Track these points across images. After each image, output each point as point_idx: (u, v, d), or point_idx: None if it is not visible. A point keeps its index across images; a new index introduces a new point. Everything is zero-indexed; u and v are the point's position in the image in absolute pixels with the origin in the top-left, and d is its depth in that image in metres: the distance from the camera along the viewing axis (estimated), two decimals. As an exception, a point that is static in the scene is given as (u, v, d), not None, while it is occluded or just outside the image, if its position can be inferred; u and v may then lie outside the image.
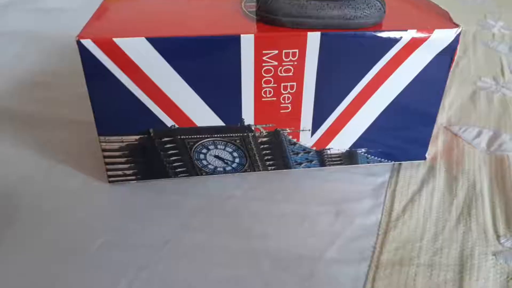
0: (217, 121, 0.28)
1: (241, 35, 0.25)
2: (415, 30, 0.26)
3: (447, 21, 0.28)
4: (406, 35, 0.26)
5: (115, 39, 0.24)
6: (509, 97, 0.40)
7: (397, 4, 0.30)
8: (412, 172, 0.30)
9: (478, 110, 0.38)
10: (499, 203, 0.27)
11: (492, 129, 0.35)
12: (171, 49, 0.25)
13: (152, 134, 0.27)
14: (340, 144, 0.30)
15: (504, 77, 0.43)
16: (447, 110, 0.38)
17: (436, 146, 0.33)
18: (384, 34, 0.26)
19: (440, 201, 0.28)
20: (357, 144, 0.30)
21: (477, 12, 0.62)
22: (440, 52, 0.27)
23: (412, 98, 0.29)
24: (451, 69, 0.28)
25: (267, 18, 0.26)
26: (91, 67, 0.25)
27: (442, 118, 0.36)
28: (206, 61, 0.25)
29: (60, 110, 0.38)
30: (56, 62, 0.47)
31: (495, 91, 0.41)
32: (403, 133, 0.30)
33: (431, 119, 0.30)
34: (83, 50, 0.24)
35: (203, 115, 0.27)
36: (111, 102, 0.26)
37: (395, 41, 0.26)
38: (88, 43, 0.24)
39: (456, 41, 0.27)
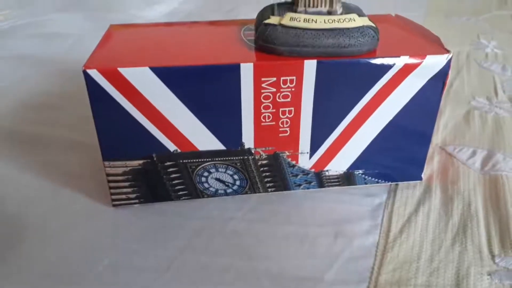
0: (218, 145, 0.28)
1: (241, 64, 0.26)
2: (407, 57, 0.27)
3: (439, 47, 0.29)
4: (399, 61, 0.27)
5: (119, 69, 0.25)
6: (502, 117, 0.41)
7: (390, 30, 0.32)
8: (408, 192, 0.31)
9: (472, 129, 0.39)
10: (493, 223, 0.28)
11: (486, 148, 0.36)
12: (174, 77, 0.26)
13: (155, 159, 0.28)
14: (338, 166, 0.31)
15: (497, 97, 0.45)
16: (442, 130, 0.39)
17: (432, 166, 0.34)
18: (377, 61, 0.27)
19: (436, 222, 0.28)
20: (354, 165, 0.31)
21: (470, 32, 0.63)
22: (432, 76, 0.28)
23: (407, 121, 0.30)
24: (444, 92, 0.29)
25: (265, 47, 0.27)
26: (97, 95, 0.26)
27: (437, 138, 0.37)
28: (207, 88, 0.26)
29: (64, 132, 0.39)
30: (60, 85, 0.48)
31: (489, 110, 0.42)
32: (399, 155, 0.31)
33: (426, 140, 0.31)
34: (89, 79, 0.25)
35: (204, 139, 0.28)
36: (116, 128, 0.27)
37: (388, 67, 0.27)
38: (94, 73, 0.25)
39: (447, 66, 0.28)
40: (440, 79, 0.28)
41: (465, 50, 0.57)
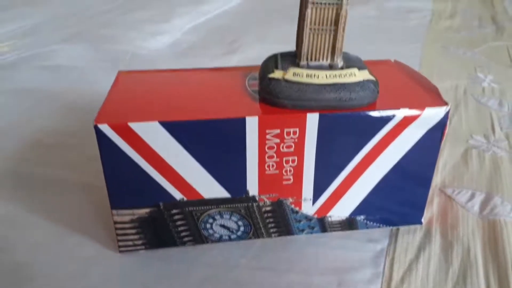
0: (223, 193, 0.29)
1: (246, 117, 0.27)
2: (407, 109, 0.28)
3: (437, 98, 0.30)
4: (399, 114, 0.28)
5: (130, 124, 0.26)
6: (499, 156, 0.42)
7: (389, 79, 0.33)
8: (409, 238, 0.32)
9: (471, 170, 0.39)
10: (492, 271, 0.29)
11: (485, 191, 0.36)
12: (182, 131, 0.27)
13: (161, 207, 0.29)
14: (340, 212, 0.31)
15: (495, 135, 0.46)
16: (441, 171, 0.39)
17: (431, 210, 0.34)
18: (377, 114, 0.28)
19: (436, 269, 0.29)
20: (356, 211, 0.32)
21: (468, 65, 0.64)
22: (431, 127, 0.29)
23: (407, 169, 0.30)
24: (443, 141, 0.30)
25: (270, 100, 0.28)
26: (107, 149, 0.26)
27: (436, 179, 0.38)
28: (214, 140, 0.27)
29: (71, 173, 0.39)
30: (66, 121, 0.49)
31: (486, 149, 0.43)
32: (400, 200, 0.32)
33: (426, 186, 0.32)
34: (100, 134, 0.26)
35: (210, 188, 0.29)
36: (125, 178, 0.28)
37: (388, 119, 0.28)
38: (105, 127, 0.26)
39: (445, 117, 0.29)
40: (439, 129, 0.29)
41: (463, 84, 0.58)
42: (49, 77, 0.59)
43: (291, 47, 0.75)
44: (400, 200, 0.32)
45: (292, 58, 0.30)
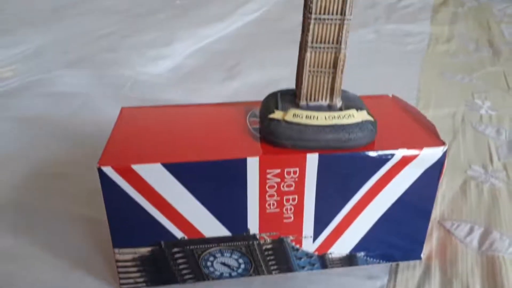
0: (224, 232, 0.29)
1: (248, 158, 0.27)
2: (405, 149, 0.29)
3: (434, 138, 0.30)
4: (397, 154, 0.29)
5: (133, 166, 0.26)
6: (498, 187, 0.42)
7: (387, 116, 0.33)
8: (408, 274, 0.32)
9: (469, 203, 0.40)
10: (492, 310, 0.29)
11: (483, 224, 0.37)
12: (184, 172, 0.27)
13: (163, 246, 0.29)
14: (341, 249, 0.32)
15: (493, 165, 0.46)
16: (440, 203, 0.40)
17: (430, 244, 0.35)
18: (376, 154, 0.29)
19: (436, 308, 0.29)
20: (356, 248, 0.32)
21: (465, 91, 0.65)
22: (429, 167, 0.30)
23: (406, 206, 0.31)
24: (441, 178, 0.31)
25: (270, 140, 0.29)
26: (110, 190, 0.27)
27: (435, 212, 0.38)
28: (215, 180, 0.28)
29: (74, 205, 0.40)
30: (68, 150, 0.49)
31: (485, 181, 0.43)
32: (399, 237, 0.32)
33: (425, 222, 0.32)
34: (103, 176, 0.26)
35: (211, 226, 0.29)
36: (127, 218, 0.28)
37: (387, 159, 0.29)
38: (108, 170, 0.26)
39: (443, 157, 0.29)
40: (436, 168, 0.30)
41: (460, 111, 0.59)
42: (52, 104, 0.60)
43: (290, 72, 0.76)
44: (400, 235, 0.32)
45: (291, 98, 0.31)
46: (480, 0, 1.27)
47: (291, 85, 0.35)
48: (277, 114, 0.29)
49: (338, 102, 0.30)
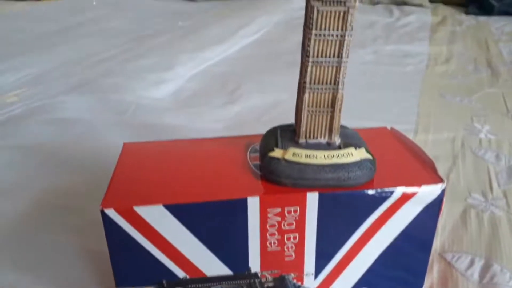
0: (225, 271, 0.30)
1: (248, 198, 0.28)
2: (404, 187, 0.29)
3: (433, 174, 0.31)
4: (396, 192, 0.29)
5: (135, 208, 0.27)
6: (498, 216, 0.42)
7: (386, 153, 0.34)
8: (410, 310, 0.32)
9: (469, 233, 0.40)
10: None
11: (484, 256, 0.37)
12: (186, 213, 0.27)
13: (165, 285, 0.29)
14: (342, 285, 0.32)
15: (493, 192, 0.46)
16: (441, 234, 0.40)
17: (431, 277, 0.35)
18: (375, 192, 0.29)
19: None
20: (357, 284, 0.32)
21: (464, 114, 0.66)
22: (428, 204, 0.30)
23: (406, 242, 0.31)
24: (441, 214, 0.31)
25: (270, 178, 0.29)
26: (113, 231, 0.27)
27: (436, 243, 0.39)
28: (217, 220, 0.28)
29: (75, 238, 0.40)
30: (70, 179, 0.49)
31: (485, 209, 0.43)
32: (400, 272, 0.32)
33: (425, 256, 0.32)
34: (106, 218, 0.27)
35: (212, 266, 0.29)
36: (130, 258, 0.28)
37: (386, 197, 0.29)
38: (111, 212, 0.27)
39: (442, 194, 0.30)
40: (436, 205, 0.30)
41: (460, 135, 0.59)
42: (55, 131, 0.60)
43: (289, 95, 0.77)
44: (401, 269, 0.32)
45: (291, 134, 0.32)
46: (478, 18, 1.29)
47: (291, 108, 0.35)
48: (277, 153, 0.30)
49: (337, 140, 0.31)
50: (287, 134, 0.32)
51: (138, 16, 1.33)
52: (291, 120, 0.34)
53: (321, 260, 0.30)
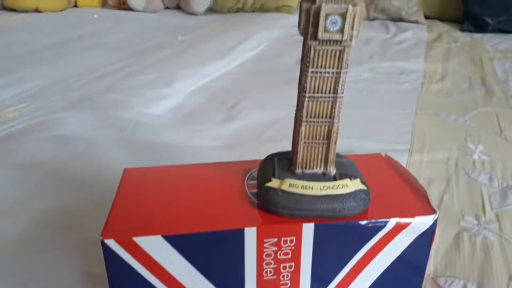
0: (222, 298, 0.30)
1: (245, 229, 0.29)
2: (397, 218, 0.30)
3: (426, 205, 0.31)
4: (390, 223, 0.30)
5: (134, 238, 0.28)
6: (490, 240, 0.43)
7: (380, 182, 0.34)
8: (403, 336, 0.33)
9: (462, 257, 0.41)
10: None
11: (476, 281, 0.37)
12: (183, 243, 0.28)
13: (163, 313, 0.30)
14: (336, 311, 0.32)
15: (485, 215, 0.47)
16: (434, 258, 0.41)
17: (425, 303, 0.35)
18: (370, 223, 0.30)
19: None
20: (351, 311, 0.33)
21: (459, 134, 0.67)
22: (420, 234, 0.31)
23: (400, 269, 0.32)
24: (433, 243, 0.32)
25: (267, 208, 0.30)
26: (113, 261, 0.28)
27: (429, 267, 0.39)
28: (214, 250, 0.29)
29: (75, 259, 0.40)
30: (70, 198, 0.50)
31: (477, 233, 0.44)
32: (393, 299, 0.33)
33: (418, 283, 0.33)
34: (106, 248, 0.27)
35: (210, 293, 0.30)
36: (128, 287, 0.29)
37: (380, 227, 0.30)
38: (111, 242, 0.27)
39: (434, 224, 0.31)
40: (428, 234, 0.31)
41: (454, 156, 0.60)
42: (55, 148, 0.61)
43: (288, 113, 0.77)
44: (394, 296, 0.33)
45: (288, 163, 0.32)
46: (473, 35, 1.31)
47: (289, 126, 0.34)
48: (274, 183, 0.31)
49: (332, 170, 0.31)
50: (284, 163, 0.33)
51: (138, 30, 1.34)
52: (289, 137, 0.34)
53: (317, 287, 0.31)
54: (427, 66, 1.01)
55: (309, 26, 0.26)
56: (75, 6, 1.68)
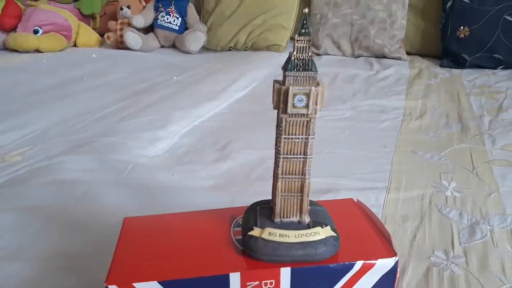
0: (212, 335, 0.34)
1: (230, 274, 0.33)
2: (362, 261, 0.35)
3: (389, 248, 0.36)
4: (356, 265, 0.34)
5: (134, 284, 0.32)
6: (456, 275, 0.47)
7: (349, 227, 0.39)
8: None
9: (431, 292, 0.45)
10: None
11: (441, 314, 0.42)
12: (177, 287, 0.32)
13: None
14: None
15: (454, 250, 0.52)
16: (405, 293, 0.45)
17: (395, 335, 0.39)
18: (339, 266, 0.34)
19: None
20: None
21: (434, 172, 0.72)
22: (385, 273, 0.35)
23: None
24: (396, 282, 0.36)
25: (250, 254, 0.35)
26: (115, 305, 0.32)
27: (400, 301, 0.43)
28: (203, 292, 0.33)
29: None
30: (71, 242, 0.54)
31: (445, 268, 0.48)
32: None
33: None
34: (110, 293, 0.32)
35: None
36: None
37: (348, 269, 0.34)
38: (114, 288, 0.32)
39: (396, 265, 0.35)
40: (391, 274, 0.35)
41: (428, 193, 0.65)
42: (57, 193, 0.65)
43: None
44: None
45: (269, 212, 0.37)
46: (452, 71, 1.38)
47: None
48: (256, 232, 0.35)
49: (307, 218, 0.36)
50: (265, 212, 0.37)
51: (135, 70, 1.41)
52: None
53: (295, 324, 0.35)
54: (407, 103, 1.07)
55: (280, 102, 0.31)
56: (75, 45, 1.75)
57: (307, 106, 0.31)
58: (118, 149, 0.80)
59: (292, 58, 0.32)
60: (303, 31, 0.31)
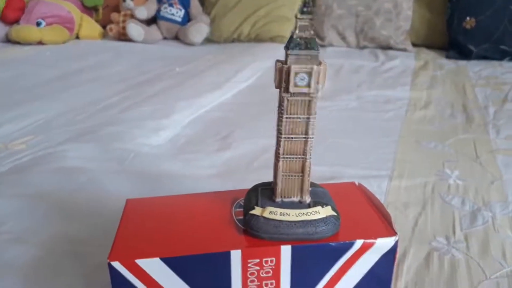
0: (212, 312, 0.35)
1: (231, 251, 0.33)
2: (362, 240, 0.35)
3: (389, 228, 0.36)
4: (356, 244, 0.35)
5: (136, 260, 0.32)
6: (457, 259, 0.47)
7: (350, 207, 0.39)
8: None
9: (431, 274, 0.45)
10: None
11: (442, 297, 0.42)
12: (178, 264, 0.33)
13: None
14: (313, 324, 0.37)
15: (455, 235, 0.52)
16: (405, 275, 0.45)
17: (395, 316, 0.40)
18: (339, 245, 0.34)
19: None
20: (327, 324, 0.37)
21: (437, 160, 0.72)
22: (384, 253, 0.35)
23: (368, 284, 0.36)
24: (396, 262, 0.36)
25: (251, 233, 0.35)
26: (118, 281, 0.32)
27: (400, 284, 0.44)
28: (204, 270, 0.33)
29: (81, 284, 0.45)
30: (75, 227, 0.54)
31: (446, 252, 0.49)
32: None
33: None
34: (112, 269, 0.32)
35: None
36: (131, 303, 0.33)
37: (348, 247, 0.35)
38: (116, 264, 0.32)
39: (395, 245, 0.35)
40: (391, 254, 0.35)
41: (431, 181, 0.65)
42: (60, 180, 0.66)
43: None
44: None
45: (270, 193, 0.37)
46: (458, 62, 1.37)
47: None
48: (257, 211, 0.35)
49: (307, 199, 0.36)
50: (266, 192, 0.38)
51: (137, 61, 1.41)
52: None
53: (295, 302, 0.36)
54: (412, 94, 1.07)
55: (282, 81, 0.31)
56: (77, 38, 1.75)
57: (309, 85, 0.31)
58: (121, 138, 0.80)
59: (294, 36, 0.32)
60: (305, 9, 0.31)
